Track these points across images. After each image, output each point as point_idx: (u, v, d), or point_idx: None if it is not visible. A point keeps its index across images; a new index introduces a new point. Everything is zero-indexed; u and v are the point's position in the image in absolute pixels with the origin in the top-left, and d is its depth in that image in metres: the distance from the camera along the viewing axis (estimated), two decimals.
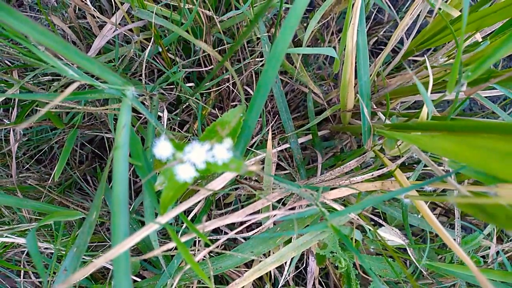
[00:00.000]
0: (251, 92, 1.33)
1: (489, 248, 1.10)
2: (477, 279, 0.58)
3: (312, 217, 0.88)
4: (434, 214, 1.28)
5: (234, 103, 1.38)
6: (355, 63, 0.88)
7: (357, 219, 0.77)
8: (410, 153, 0.73)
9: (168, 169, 0.54)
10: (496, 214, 0.38)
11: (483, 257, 1.11)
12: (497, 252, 1.00)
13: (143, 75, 0.85)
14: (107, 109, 0.75)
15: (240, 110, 0.72)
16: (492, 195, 0.53)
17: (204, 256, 0.82)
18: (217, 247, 0.78)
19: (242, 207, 1.13)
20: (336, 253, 0.98)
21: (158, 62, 1.16)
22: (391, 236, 1.07)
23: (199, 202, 0.94)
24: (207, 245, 0.74)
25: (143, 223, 1.12)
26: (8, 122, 0.88)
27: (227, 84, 1.27)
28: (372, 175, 0.74)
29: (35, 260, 0.54)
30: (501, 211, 0.38)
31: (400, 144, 0.87)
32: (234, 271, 1.16)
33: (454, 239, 0.84)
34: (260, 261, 0.88)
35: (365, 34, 0.81)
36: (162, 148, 0.44)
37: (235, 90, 1.35)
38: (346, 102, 1.03)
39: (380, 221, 1.01)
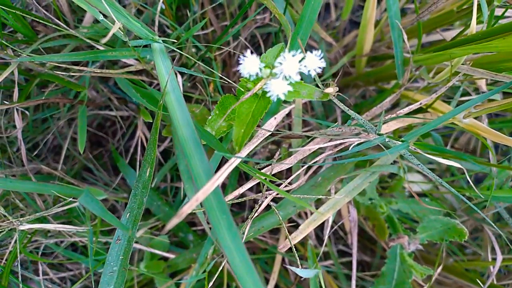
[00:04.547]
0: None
1: None
2: None
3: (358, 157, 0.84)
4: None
5: (235, 70, 1.33)
6: None
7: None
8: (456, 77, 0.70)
9: (234, 104, 0.48)
10: None
11: None
12: None
13: (156, 30, 0.78)
14: (128, 71, 0.68)
15: (279, 49, 0.67)
16: None
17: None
18: (256, 206, 0.72)
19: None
20: (374, 199, 0.95)
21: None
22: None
23: None
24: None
25: (165, 200, 1.06)
26: (8, 103, 0.80)
27: (231, 46, 1.21)
28: (420, 103, 0.71)
29: (100, 211, 0.47)
30: None
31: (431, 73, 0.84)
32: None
33: None
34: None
35: None
36: (250, 63, 0.38)
37: (236, 52, 1.29)
38: (363, 45, 1.00)
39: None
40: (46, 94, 0.88)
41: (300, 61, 0.39)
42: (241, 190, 0.57)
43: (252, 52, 0.38)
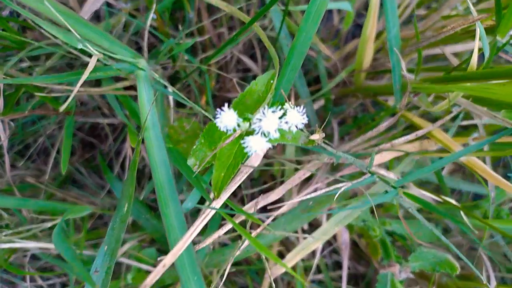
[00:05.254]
0: (247, 62, 1.24)
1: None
2: None
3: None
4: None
5: (231, 75, 1.29)
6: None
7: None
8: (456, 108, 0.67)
9: (217, 147, 0.46)
10: None
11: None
12: None
13: (145, 46, 0.75)
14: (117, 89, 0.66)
15: (269, 77, 0.64)
16: None
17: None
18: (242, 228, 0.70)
19: (265, 183, 1.06)
20: (367, 221, 0.93)
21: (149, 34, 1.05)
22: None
23: None
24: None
25: (155, 209, 1.03)
26: None
27: (227, 52, 1.18)
28: (416, 135, 0.68)
29: (70, 259, 0.45)
30: None
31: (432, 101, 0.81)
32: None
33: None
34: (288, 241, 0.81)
35: None
36: (227, 118, 0.36)
37: (231, 64, 1.26)
38: (363, 61, 0.96)
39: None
40: (33, 104, 0.86)
41: (280, 118, 0.36)
42: (221, 232, 0.54)
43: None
